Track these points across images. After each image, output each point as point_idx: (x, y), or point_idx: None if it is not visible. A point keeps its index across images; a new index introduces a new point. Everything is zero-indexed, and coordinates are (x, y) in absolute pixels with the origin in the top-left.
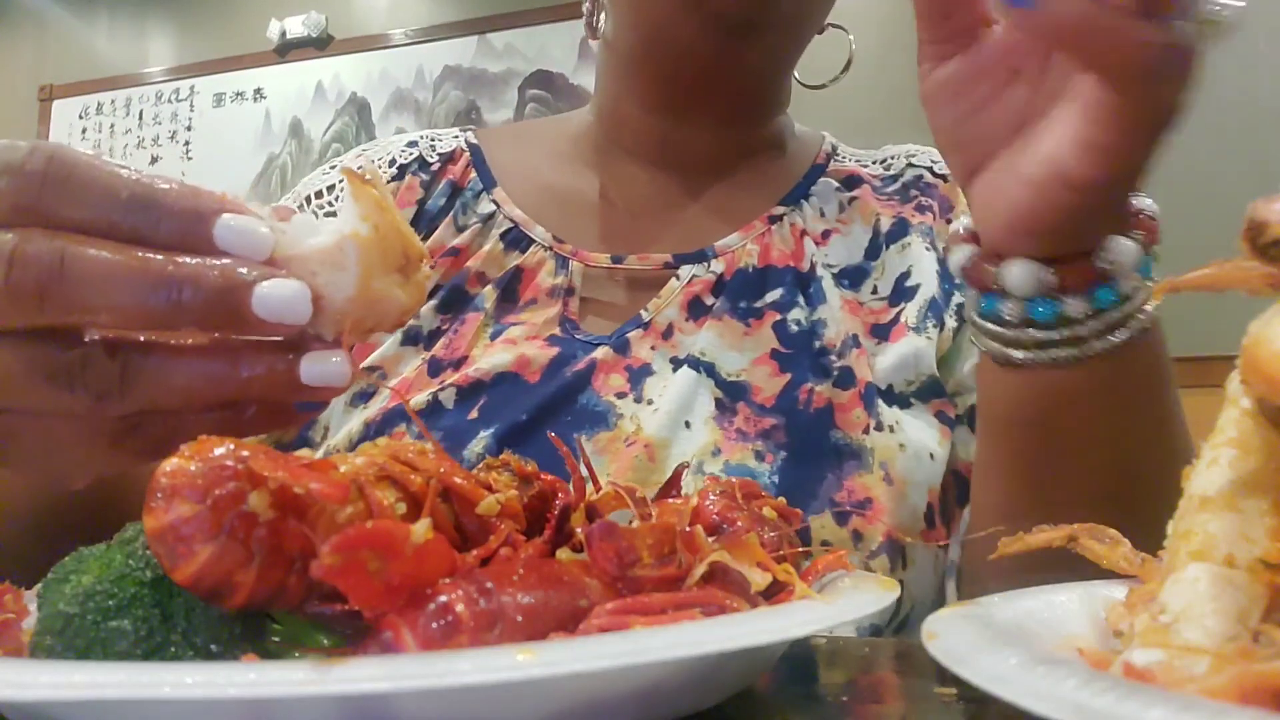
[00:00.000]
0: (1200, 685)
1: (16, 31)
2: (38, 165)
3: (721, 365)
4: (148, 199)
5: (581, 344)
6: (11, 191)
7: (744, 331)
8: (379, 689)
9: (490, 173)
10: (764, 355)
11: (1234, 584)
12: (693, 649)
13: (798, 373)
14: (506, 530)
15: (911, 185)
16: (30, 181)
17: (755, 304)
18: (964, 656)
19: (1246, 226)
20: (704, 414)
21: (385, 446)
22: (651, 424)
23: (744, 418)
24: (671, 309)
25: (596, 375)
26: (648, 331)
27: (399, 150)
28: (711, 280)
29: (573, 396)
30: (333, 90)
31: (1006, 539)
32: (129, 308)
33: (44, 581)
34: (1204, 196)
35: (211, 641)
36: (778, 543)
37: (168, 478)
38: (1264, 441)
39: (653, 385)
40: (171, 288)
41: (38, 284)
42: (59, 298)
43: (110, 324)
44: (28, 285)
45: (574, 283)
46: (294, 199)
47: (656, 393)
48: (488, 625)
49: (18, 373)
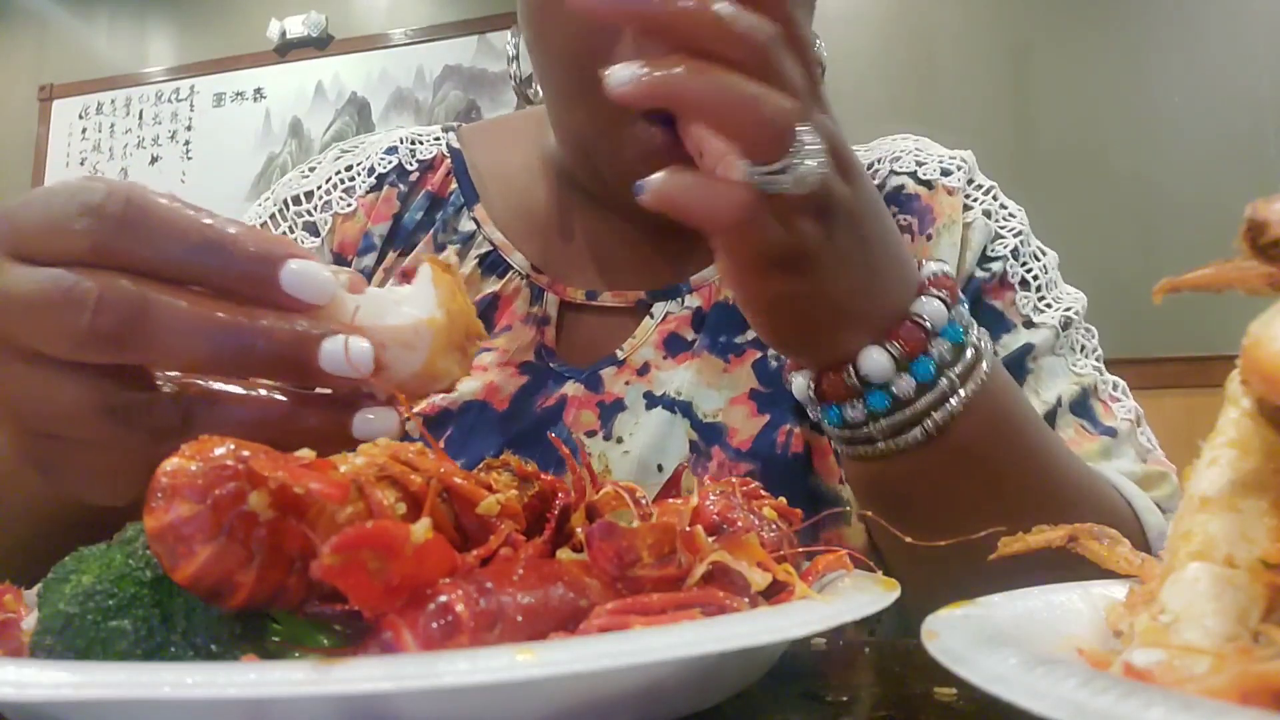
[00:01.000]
0: (1200, 685)
1: (16, 31)
2: (116, 208)
3: (698, 404)
4: (219, 243)
5: (554, 374)
6: (90, 232)
7: (723, 368)
8: (379, 689)
9: (472, 184)
10: (742, 395)
11: (1234, 584)
12: (692, 649)
13: (776, 414)
14: (506, 530)
15: (893, 200)
16: (108, 224)
17: (735, 339)
18: (964, 656)
19: (1246, 226)
20: (677, 456)
21: (385, 446)
22: (621, 467)
23: (718, 463)
24: (647, 348)
25: (568, 410)
26: (622, 369)
27: (378, 158)
28: (688, 315)
29: (542, 432)
30: (333, 90)
31: (1007, 539)
32: (203, 355)
33: (44, 581)
34: (1204, 196)
35: (211, 641)
36: (778, 543)
37: (168, 477)
38: (1264, 442)
39: (624, 422)
40: (245, 339)
41: (119, 330)
42: (138, 344)
43: (184, 369)
44: (110, 329)
45: (549, 312)
46: (272, 202)
47: (628, 431)
48: (488, 625)
49: (84, 406)
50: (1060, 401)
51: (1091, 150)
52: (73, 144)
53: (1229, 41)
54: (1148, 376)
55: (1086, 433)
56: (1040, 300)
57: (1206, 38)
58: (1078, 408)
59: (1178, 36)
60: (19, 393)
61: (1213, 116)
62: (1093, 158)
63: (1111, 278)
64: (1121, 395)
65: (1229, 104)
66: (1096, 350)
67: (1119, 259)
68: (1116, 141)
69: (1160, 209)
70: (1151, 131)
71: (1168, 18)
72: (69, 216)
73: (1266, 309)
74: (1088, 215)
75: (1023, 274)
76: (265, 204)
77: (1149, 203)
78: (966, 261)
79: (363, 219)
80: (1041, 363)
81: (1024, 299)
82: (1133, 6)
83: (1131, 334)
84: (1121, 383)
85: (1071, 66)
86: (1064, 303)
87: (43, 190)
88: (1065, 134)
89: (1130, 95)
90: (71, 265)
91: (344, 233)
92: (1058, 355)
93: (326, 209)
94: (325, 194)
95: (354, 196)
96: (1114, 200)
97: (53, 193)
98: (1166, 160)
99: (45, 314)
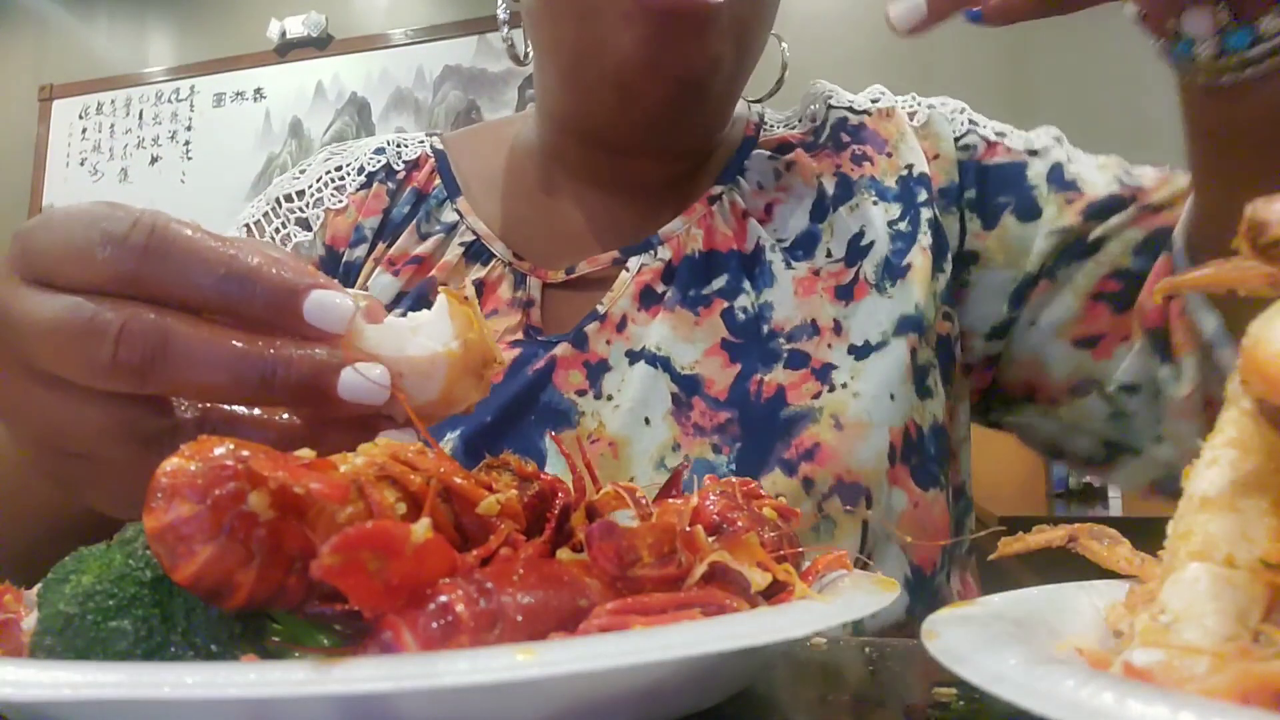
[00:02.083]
0: (1200, 685)
1: (16, 31)
2: (139, 239)
3: (676, 358)
4: (243, 274)
5: (542, 344)
6: (114, 261)
7: (694, 321)
8: (379, 689)
9: (455, 179)
10: (714, 345)
11: (1234, 584)
12: (692, 649)
13: (747, 363)
14: (506, 530)
15: (840, 130)
16: (132, 254)
17: (703, 291)
18: (964, 656)
19: (1246, 226)
20: (662, 409)
21: (385, 446)
22: (614, 421)
23: (699, 411)
24: (624, 300)
25: (557, 372)
26: (604, 325)
27: (367, 158)
28: (660, 267)
29: (535, 395)
30: (333, 90)
31: (1007, 539)
32: (225, 386)
33: (44, 581)
34: None
35: (211, 641)
36: (778, 543)
37: (168, 477)
38: (1264, 442)
39: (611, 380)
40: (266, 369)
41: (142, 361)
42: (161, 375)
43: (206, 399)
44: (132, 362)
45: (532, 295)
46: (265, 201)
47: (615, 388)
48: (488, 625)
49: (110, 430)
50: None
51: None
52: (73, 144)
53: None
54: None
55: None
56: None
57: None
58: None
59: None
60: (40, 415)
61: None
62: None
63: None
64: None
65: None
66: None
67: None
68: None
69: None
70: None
71: None
72: (91, 244)
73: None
74: None
75: (994, 130)
76: (259, 204)
77: None
78: (944, 151)
79: (354, 214)
80: (1072, 170)
81: (1012, 140)
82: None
83: None
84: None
85: (1072, 64)
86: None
87: (61, 213)
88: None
89: (1130, 94)
90: (92, 293)
91: (335, 227)
92: (1071, 162)
93: (318, 205)
94: (317, 191)
95: (345, 194)
96: None
97: (73, 218)
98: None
99: (67, 344)
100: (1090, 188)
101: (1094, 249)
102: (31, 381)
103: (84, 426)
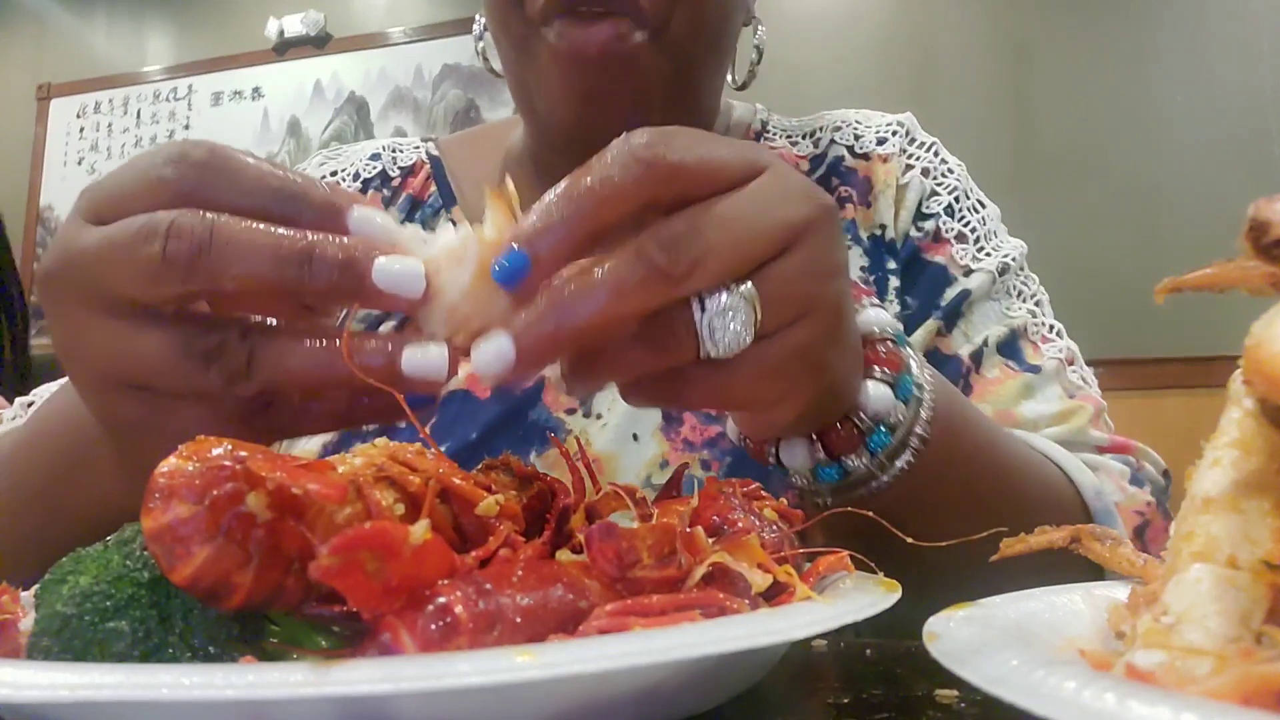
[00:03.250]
0: (1202, 687)
1: (15, 30)
2: (200, 155)
3: None
4: (293, 190)
5: None
6: (176, 179)
7: None
8: (377, 691)
9: (450, 187)
10: None
11: (1236, 585)
12: (692, 651)
13: None
14: (506, 531)
15: (834, 170)
16: (193, 169)
17: None
18: (965, 658)
19: (1248, 226)
20: (651, 425)
21: (384, 447)
22: (601, 438)
23: (690, 426)
24: None
25: (547, 390)
26: None
27: (363, 164)
28: None
29: (523, 413)
30: (331, 89)
31: (1009, 540)
32: (267, 274)
33: (41, 583)
34: (1205, 196)
35: (209, 643)
36: (778, 544)
37: (165, 478)
38: (1266, 442)
39: (601, 398)
40: (304, 257)
41: (190, 253)
42: (208, 266)
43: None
44: (181, 255)
45: None
46: None
47: (605, 406)
48: (487, 626)
49: (164, 353)
50: (987, 342)
51: (1092, 150)
52: (70, 143)
53: (1230, 41)
54: (1149, 377)
55: (1010, 370)
56: (979, 250)
57: (1207, 37)
58: (1005, 348)
59: (1178, 36)
60: (103, 345)
61: (1214, 116)
62: (1093, 157)
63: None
64: (1055, 337)
65: (1230, 104)
66: (1036, 295)
67: (1119, 259)
68: (1116, 141)
69: (1161, 209)
70: (1152, 131)
71: (1168, 17)
72: (155, 167)
73: (1268, 309)
74: (1088, 215)
75: (959, 228)
76: None
77: (1149, 203)
78: (902, 220)
79: None
80: (975, 307)
81: (961, 251)
82: (1133, 6)
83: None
84: (1059, 325)
85: (1071, 66)
86: (1002, 250)
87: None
88: (1065, 134)
89: (1130, 95)
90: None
91: None
92: (993, 300)
93: None
94: None
95: None
96: (1114, 200)
97: (138, 158)
98: (1167, 160)
99: (121, 249)
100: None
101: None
102: (92, 314)
103: (141, 350)
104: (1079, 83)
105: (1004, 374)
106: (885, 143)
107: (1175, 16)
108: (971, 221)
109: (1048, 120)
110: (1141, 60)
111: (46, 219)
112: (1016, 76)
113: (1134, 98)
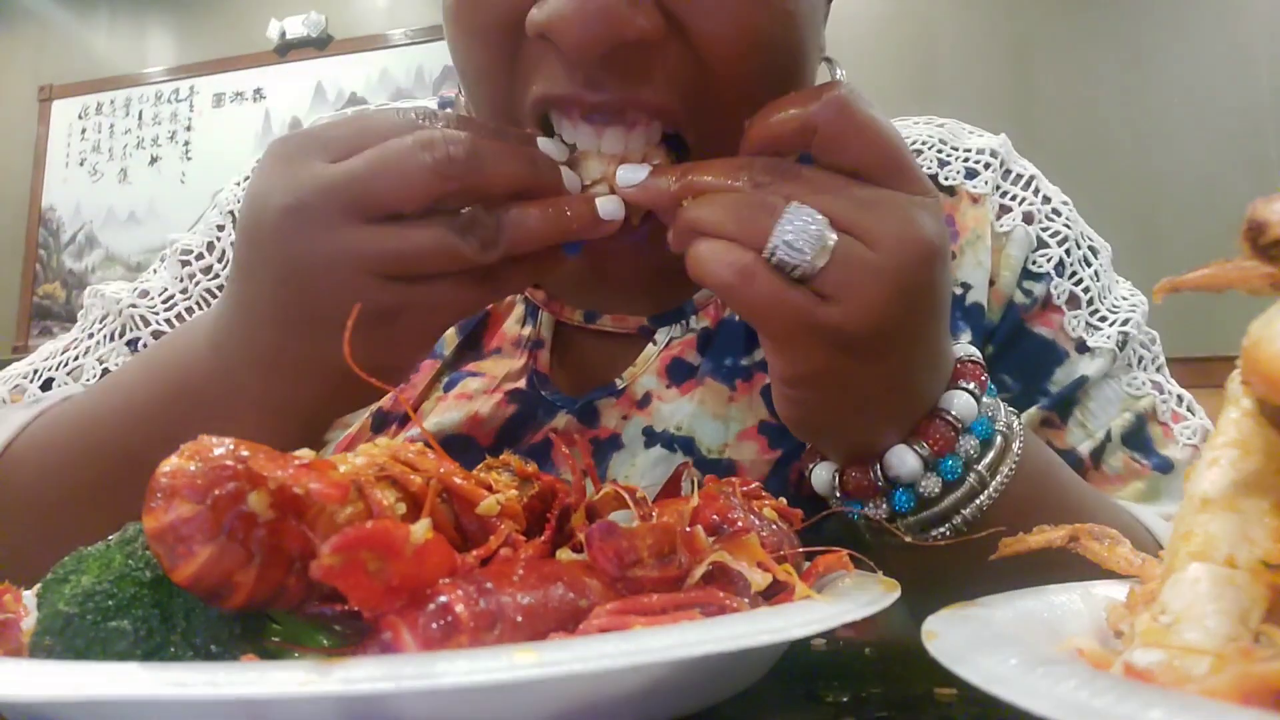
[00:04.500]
0: (1201, 686)
1: (16, 31)
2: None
3: (701, 439)
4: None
5: (545, 403)
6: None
7: (729, 396)
8: (379, 689)
9: None
10: (751, 429)
11: (1235, 584)
12: (692, 650)
13: (788, 449)
14: (506, 530)
15: None
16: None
17: (742, 361)
18: (964, 657)
19: (1247, 226)
20: None
21: (385, 446)
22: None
23: None
24: (648, 377)
25: (555, 448)
26: (620, 400)
27: None
28: (693, 339)
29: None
30: (332, 90)
31: (1008, 539)
32: (524, 175)
33: (43, 582)
34: (1204, 196)
35: (211, 642)
36: (778, 543)
37: (167, 478)
38: (1265, 442)
39: (620, 461)
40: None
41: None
42: (479, 166)
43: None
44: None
45: (543, 334)
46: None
47: (623, 472)
48: (487, 625)
49: (434, 237)
50: (1110, 435)
51: (1091, 149)
52: (72, 144)
53: (1229, 41)
54: None
55: (1137, 465)
56: (1093, 315)
57: (1207, 37)
58: (1130, 439)
59: (1178, 35)
60: (371, 247)
61: (1213, 116)
62: (1093, 156)
63: None
64: (1187, 413)
65: (1229, 103)
66: (1158, 359)
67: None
68: (1116, 140)
69: (1160, 208)
70: (1152, 130)
71: (1168, 17)
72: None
73: (1266, 309)
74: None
75: (1070, 288)
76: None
77: (1149, 202)
78: (1004, 282)
79: None
80: (1092, 392)
81: (1074, 319)
82: (1133, 6)
83: None
84: (1188, 397)
85: (1072, 65)
86: (1120, 313)
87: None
88: (1065, 133)
89: (1130, 94)
90: None
91: None
92: (1111, 379)
93: None
94: None
95: None
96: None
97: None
98: (1167, 159)
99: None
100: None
101: None
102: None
103: (415, 240)
104: (1079, 82)
105: (1128, 469)
106: (976, 176)
107: (1174, 17)
108: (1084, 278)
109: (1047, 119)
110: (1140, 60)
111: (48, 220)
112: (1017, 75)
113: (1132, 97)
